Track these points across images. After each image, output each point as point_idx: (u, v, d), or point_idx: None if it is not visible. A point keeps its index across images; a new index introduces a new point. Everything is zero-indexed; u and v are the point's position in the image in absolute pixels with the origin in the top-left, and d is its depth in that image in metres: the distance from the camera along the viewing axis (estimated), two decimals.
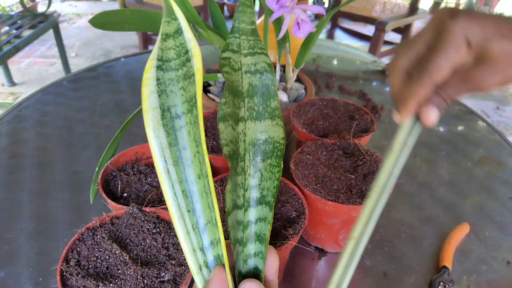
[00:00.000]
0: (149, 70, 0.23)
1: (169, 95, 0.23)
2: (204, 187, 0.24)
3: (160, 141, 0.23)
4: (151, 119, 0.23)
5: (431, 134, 0.75)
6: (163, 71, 0.23)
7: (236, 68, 0.28)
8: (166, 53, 0.23)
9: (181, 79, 0.23)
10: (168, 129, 0.23)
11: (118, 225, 0.38)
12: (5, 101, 1.98)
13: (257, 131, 0.28)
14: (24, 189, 0.56)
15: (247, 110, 0.27)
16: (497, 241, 0.52)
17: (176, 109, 0.23)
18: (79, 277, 0.33)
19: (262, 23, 0.86)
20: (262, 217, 0.29)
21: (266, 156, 0.28)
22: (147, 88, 0.23)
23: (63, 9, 3.47)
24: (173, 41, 0.23)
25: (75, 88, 0.85)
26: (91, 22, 0.48)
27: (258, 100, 0.28)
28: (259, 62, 0.28)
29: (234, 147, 0.28)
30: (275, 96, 0.28)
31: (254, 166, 0.28)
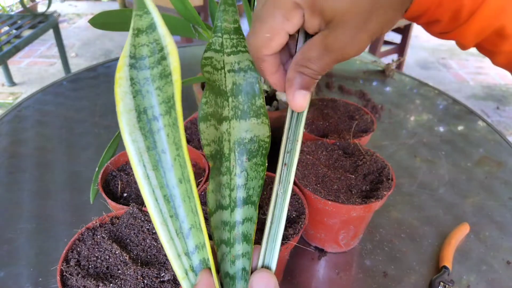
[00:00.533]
0: (122, 68, 0.21)
1: (144, 95, 0.22)
2: (187, 191, 0.23)
3: (138, 145, 0.22)
4: (126, 123, 0.22)
5: (431, 134, 0.75)
6: (137, 70, 0.22)
7: (219, 68, 0.28)
8: (139, 50, 0.21)
9: (156, 78, 0.22)
10: (146, 132, 0.22)
11: (118, 225, 0.38)
12: (5, 101, 1.98)
13: (242, 130, 0.28)
14: (24, 189, 0.56)
15: (232, 109, 0.27)
16: (497, 241, 0.52)
17: (153, 111, 0.22)
18: (79, 277, 0.33)
19: None
20: (249, 217, 0.28)
21: (252, 155, 0.28)
22: (120, 89, 0.21)
23: (63, 9, 3.47)
24: (146, 37, 0.21)
25: (75, 88, 0.85)
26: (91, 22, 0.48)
27: (243, 99, 0.27)
28: (242, 60, 0.28)
29: (217, 147, 0.28)
30: (260, 94, 0.28)
31: (240, 165, 0.28)
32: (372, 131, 0.55)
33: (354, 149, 0.51)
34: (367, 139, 0.55)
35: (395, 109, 0.83)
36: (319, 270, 0.47)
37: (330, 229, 0.46)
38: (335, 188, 0.44)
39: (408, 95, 0.90)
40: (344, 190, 0.44)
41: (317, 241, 0.49)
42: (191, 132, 0.54)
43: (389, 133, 0.74)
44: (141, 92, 0.22)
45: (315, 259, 0.48)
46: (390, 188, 0.43)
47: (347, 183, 0.45)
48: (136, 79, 0.22)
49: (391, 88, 0.93)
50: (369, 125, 0.57)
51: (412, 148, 0.70)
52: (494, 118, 2.02)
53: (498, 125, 1.94)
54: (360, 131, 0.56)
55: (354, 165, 0.49)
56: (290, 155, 0.27)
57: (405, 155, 0.68)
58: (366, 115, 0.59)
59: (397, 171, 0.64)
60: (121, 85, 0.21)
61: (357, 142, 0.51)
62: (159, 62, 0.21)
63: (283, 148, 0.27)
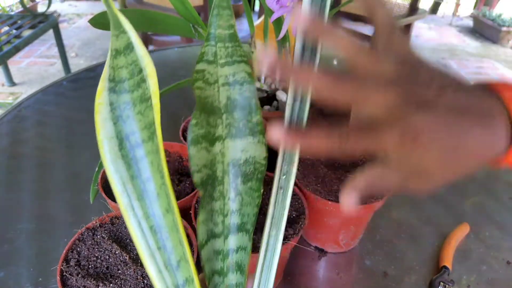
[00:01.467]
0: (101, 93, 0.20)
1: (125, 121, 0.20)
2: (173, 221, 0.22)
3: (121, 174, 0.21)
4: (108, 151, 0.20)
5: None
6: (117, 94, 0.20)
7: (212, 82, 0.25)
8: (118, 73, 0.20)
9: (137, 102, 0.20)
10: (129, 160, 0.21)
11: (118, 225, 0.38)
12: (5, 101, 1.98)
13: (237, 150, 0.26)
14: (24, 189, 0.56)
15: (226, 127, 0.25)
16: (497, 241, 0.52)
17: (135, 137, 0.21)
18: (79, 277, 0.33)
19: (262, 23, 0.86)
20: (243, 246, 0.27)
21: (247, 178, 0.26)
22: (100, 116, 0.20)
23: (63, 9, 3.47)
24: (124, 58, 0.20)
25: (75, 88, 0.85)
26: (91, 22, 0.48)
27: (238, 115, 0.25)
28: (238, 71, 0.25)
29: (209, 171, 0.26)
30: (257, 110, 0.25)
31: (234, 189, 0.26)
32: None
33: None
34: None
35: None
36: (319, 270, 0.47)
37: (330, 229, 0.46)
38: (335, 188, 0.44)
39: None
40: None
41: (317, 241, 0.49)
42: None
43: None
44: (122, 118, 0.20)
45: (315, 259, 0.48)
46: None
47: None
48: (116, 103, 0.20)
49: None
50: None
51: None
52: None
53: None
54: None
55: (354, 165, 0.49)
56: (286, 178, 0.25)
57: None
58: None
59: None
60: (101, 112, 0.20)
61: None
62: (139, 84, 0.20)
63: (278, 170, 0.25)
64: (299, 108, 0.23)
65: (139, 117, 0.20)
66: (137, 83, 0.20)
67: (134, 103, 0.20)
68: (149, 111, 0.20)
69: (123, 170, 0.21)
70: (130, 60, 0.20)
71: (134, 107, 0.20)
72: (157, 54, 1.05)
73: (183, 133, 0.54)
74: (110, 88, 0.20)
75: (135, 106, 0.20)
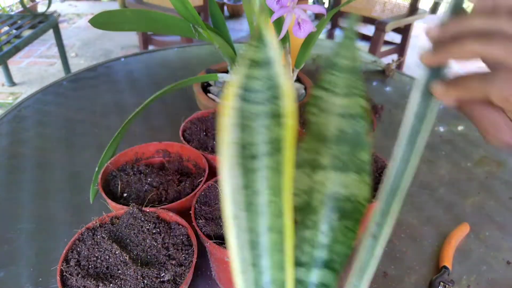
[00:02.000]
0: (231, 98, 0.20)
1: (251, 131, 0.21)
2: (276, 243, 0.22)
3: (234, 181, 0.21)
4: (229, 156, 0.21)
5: (431, 134, 0.75)
6: (247, 103, 0.20)
7: (325, 109, 0.25)
8: (252, 83, 0.20)
9: (265, 116, 0.21)
10: (245, 169, 0.21)
11: (118, 225, 0.38)
12: (5, 101, 1.98)
13: (338, 184, 0.24)
14: (24, 189, 0.56)
15: (331, 158, 0.24)
16: (497, 241, 0.52)
17: (257, 148, 0.21)
18: (79, 277, 0.33)
19: None
20: (326, 283, 0.25)
21: (343, 215, 0.25)
22: (228, 119, 0.20)
23: (63, 9, 3.47)
24: (260, 71, 0.20)
25: (75, 88, 0.85)
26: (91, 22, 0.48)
27: (346, 149, 0.24)
28: (353, 105, 0.25)
29: (307, 198, 0.25)
30: (366, 148, 0.25)
31: (328, 223, 0.25)
32: (372, 131, 0.55)
33: None
34: None
35: (395, 109, 0.83)
36: None
37: None
38: None
39: (408, 95, 0.90)
40: None
41: None
42: (191, 132, 0.54)
43: (389, 133, 0.73)
44: (248, 127, 0.20)
45: None
46: None
47: None
48: (246, 112, 0.20)
49: (391, 88, 0.93)
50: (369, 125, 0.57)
51: None
52: None
53: None
54: None
55: None
56: (381, 227, 0.23)
57: None
58: None
59: None
60: (229, 115, 0.20)
61: None
62: (270, 100, 0.20)
63: (374, 217, 0.24)
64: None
65: (265, 131, 0.20)
66: (269, 98, 0.20)
67: (263, 116, 0.20)
68: (276, 128, 0.20)
69: (237, 177, 0.21)
70: (266, 74, 0.20)
71: (262, 120, 0.20)
72: (157, 54, 1.05)
73: (183, 133, 0.54)
74: (240, 95, 0.20)
75: (263, 120, 0.20)
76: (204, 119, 0.57)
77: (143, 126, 0.72)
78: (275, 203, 0.21)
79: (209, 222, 0.39)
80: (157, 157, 0.51)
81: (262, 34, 0.20)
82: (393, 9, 1.92)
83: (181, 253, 0.36)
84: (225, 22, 0.64)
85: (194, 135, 0.54)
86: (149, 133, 0.71)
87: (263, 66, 0.20)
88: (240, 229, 0.21)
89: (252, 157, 0.21)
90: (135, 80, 0.90)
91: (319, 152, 0.24)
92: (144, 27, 0.54)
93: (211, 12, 0.64)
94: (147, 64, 0.99)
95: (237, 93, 0.20)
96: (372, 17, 1.95)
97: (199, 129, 0.54)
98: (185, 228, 0.39)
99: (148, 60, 1.02)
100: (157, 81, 0.90)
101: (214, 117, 0.57)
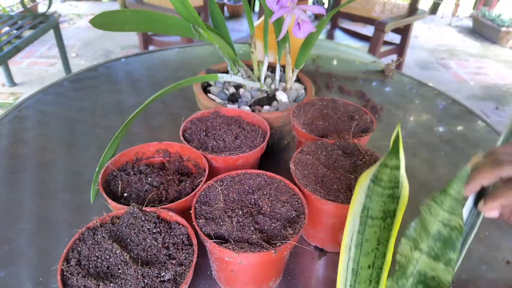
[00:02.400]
0: (365, 178, 0.30)
1: (372, 200, 0.30)
2: (371, 276, 0.31)
3: (353, 226, 0.31)
4: (354, 209, 0.31)
5: (430, 134, 0.75)
6: (375, 184, 0.30)
7: (434, 214, 0.33)
8: (381, 175, 0.30)
9: (385, 196, 0.30)
10: (362, 221, 0.31)
11: (118, 225, 0.39)
12: (5, 101, 1.98)
13: (428, 266, 0.31)
14: (24, 189, 0.56)
15: (428, 247, 0.31)
16: (497, 241, 0.52)
17: (373, 212, 0.31)
18: (80, 276, 0.33)
19: (262, 23, 0.86)
20: None
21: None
22: (360, 188, 0.30)
23: (64, 10, 3.47)
24: (389, 170, 0.30)
25: (76, 89, 0.85)
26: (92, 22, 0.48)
27: (440, 245, 0.31)
28: (454, 220, 0.31)
29: (404, 262, 0.32)
30: (456, 251, 0.31)
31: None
32: (371, 131, 0.55)
33: (354, 149, 0.51)
34: (366, 139, 0.55)
35: (395, 109, 0.84)
36: (319, 270, 0.47)
37: (329, 228, 0.46)
38: (335, 188, 0.44)
39: (407, 95, 0.90)
40: (344, 190, 0.44)
41: (317, 241, 0.50)
42: (191, 132, 0.54)
43: (389, 133, 0.74)
44: (371, 197, 0.30)
45: (315, 258, 0.49)
46: None
47: (346, 183, 0.45)
48: (372, 189, 0.30)
49: (390, 88, 0.93)
50: (369, 125, 0.57)
51: (412, 148, 0.70)
52: (493, 118, 2.03)
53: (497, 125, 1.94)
54: (359, 131, 0.56)
55: (353, 165, 0.49)
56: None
57: (405, 155, 0.68)
58: (365, 115, 0.59)
59: None
60: (362, 185, 0.30)
61: (356, 142, 0.52)
62: (391, 188, 0.30)
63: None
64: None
65: (381, 204, 0.30)
66: (390, 187, 0.30)
67: (382, 194, 0.30)
68: (391, 205, 0.30)
69: (356, 224, 0.31)
70: (392, 174, 0.29)
71: (381, 197, 0.30)
72: (157, 55, 1.05)
73: (183, 133, 0.54)
74: (372, 179, 0.30)
75: (382, 197, 0.30)
76: (204, 119, 0.57)
77: (143, 126, 0.72)
78: (377, 250, 0.31)
79: (209, 221, 0.39)
80: (158, 157, 0.52)
81: (399, 148, 0.29)
82: (392, 9, 1.92)
83: (181, 252, 0.36)
84: (225, 22, 0.64)
85: (194, 135, 0.54)
86: (150, 133, 0.71)
87: (392, 169, 0.30)
88: (350, 258, 0.31)
89: (369, 216, 0.30)
90: (136, 80, 0.91)
91: (421, 238, 0.32)
92: (144, 27, 0.54)
93: (211, 13, 0.64)
94: (148, 64, 0.99)
95: (369, 177, 0.30)
96: (371, 17, 1.95)
97: (199, 129, 0.55)
98: (185, 227, 0.39)
99: (149, 60, 1.02)
100: (157, 81, 0.91)
101: (215, 117, 0.57)
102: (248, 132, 0.54)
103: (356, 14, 2.01)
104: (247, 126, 0.56)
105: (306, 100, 0.62)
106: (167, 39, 1.87)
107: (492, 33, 3.10)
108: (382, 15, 1.93)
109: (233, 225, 0.38)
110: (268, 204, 0.42)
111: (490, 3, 3.49)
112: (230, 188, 0.44)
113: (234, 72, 0.64)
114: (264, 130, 0.56)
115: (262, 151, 0.53)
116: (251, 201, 0.42)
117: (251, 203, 0.42)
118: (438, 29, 3.43)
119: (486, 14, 3.18)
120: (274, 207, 0.41)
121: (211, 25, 0.63)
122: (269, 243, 0.37)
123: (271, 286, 0.44)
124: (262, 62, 0.66)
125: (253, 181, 0.45)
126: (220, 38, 0.58)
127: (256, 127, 0.56)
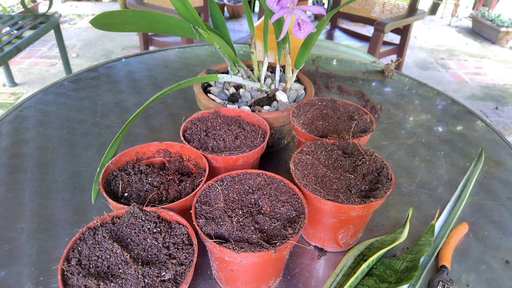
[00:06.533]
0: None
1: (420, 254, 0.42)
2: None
3: (358, 276, 0.41)
4: (362, 270, 0.41)
5: (430, 134, 0.75)
6: (419, 246, 0.41)
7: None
8: (422, 250, 0.41)
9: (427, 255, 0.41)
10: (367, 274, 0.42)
11: (119, 225, 0.39)
12: (6, 101, 1.98)
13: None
14: (25, 189, 0.57)
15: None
16: (496, 240, 0.52)
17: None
18: (80, 276, 0.33)
19: (262, 24, 0.86)
20: None
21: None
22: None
23: (64, 10, 3.48)
24: (429, 245, 0.41)
25: (76, 89, 0.85)
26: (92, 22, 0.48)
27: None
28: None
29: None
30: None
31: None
32: (371, 131, 0.55)
33: (354, 149, 0.51)
34: (366, 139, 0.55)
35: (394, 109, 0.84)
36: (319, 270, 0.47)
37: (329, 228, 0.46)
38: (335, 188, 0.44)
39: (407, 96, 0.90)
40: (344, 190, 0.44)
41: (316, 241, 0.50)
42: (192, 132, 0.54)
43: (388, 133, 0.74)
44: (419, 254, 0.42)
45: (315, 258, 0.49)
46: (389, 188, 0.44)
47: (346, 183, 0.46)
48: (417, 253, 0.42)
49: (390, 89, 0.93)
50: (369, 125, 0.57)
51: (411, 148, 0.71)
52: (492, 118, 2.03)
53: (496, 125, 1.94)
54: (359, 131, 0.57)
55: (353, 165, 0.49)
56: None
57: (404, 155, 0.68)
58: (365, 115, 0.59)
59: (396, 171, 0.65)
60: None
61: (356, 142, 0.52)
62: (430, 252, 0.39)
63: None
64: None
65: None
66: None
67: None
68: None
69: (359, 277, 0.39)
70: (431, 248, 0.37)
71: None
72: (157, 55, 1.06)
73: (183, 133, 0.54)
74: (417, 247, 0.41)
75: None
76: (204, 119, 0.57)
77: (144, 126, 0.72)
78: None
79: (209, 221, 0.39)
80: (158, 157, 0.52)
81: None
82: (392, 9, 1.92)
83: (182, 252, 0.37)
84: (225, 23, 0.65)
85: (195, 135, 0.54)
86: (150, 133, 0.71)
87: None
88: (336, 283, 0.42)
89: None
90: (136, 80, 0.91)
91: (388, 275, 0.43)
92: (145, 28, 0.54)
93: (211, 13, 0.64)
94: (148, 65, 1.00)
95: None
96: (371, 17, 1.96)
97: (200, 129, 0.55)
98: (186, 227, 0.39)
99: (149, 60, 1.02)
100: (157, 81, 0.91)
101: (215, 117, 0.57)
102: (248, 132, 0.54)
103: (355, 14, 2.01)
104: (247, 126, 0.56)
105: (306, 100, 0.62)
106: (168, 40, 1.87)
107: (491, 33, 3.11)
108: (381, 16, 1.93)
109: (233, 225, 0.39)
110: (268, 204, 0.42)
111: (490, 3, 3.49)
112: (230, 188, 0.44)
113: (234, 72, 0.64)
114: (264, 130, 0.56)
115: (262, 151, 0.53)
116: (251, 201, 0.42)
117: (251, 203, 0.42)
118: (438, 30, 3.43)
119: (486, 15, 3.19)
120: (274, 207, 0.41)
121: (211, 25, 0.64)
122: (269, 243, 0.37)
123: (271, 285, 0.44)
124: (262, 63, 0.66)
125: (253, 181, 0.45)
126: (220, 39, 0.58)
127: (256, 127, 0.56)
